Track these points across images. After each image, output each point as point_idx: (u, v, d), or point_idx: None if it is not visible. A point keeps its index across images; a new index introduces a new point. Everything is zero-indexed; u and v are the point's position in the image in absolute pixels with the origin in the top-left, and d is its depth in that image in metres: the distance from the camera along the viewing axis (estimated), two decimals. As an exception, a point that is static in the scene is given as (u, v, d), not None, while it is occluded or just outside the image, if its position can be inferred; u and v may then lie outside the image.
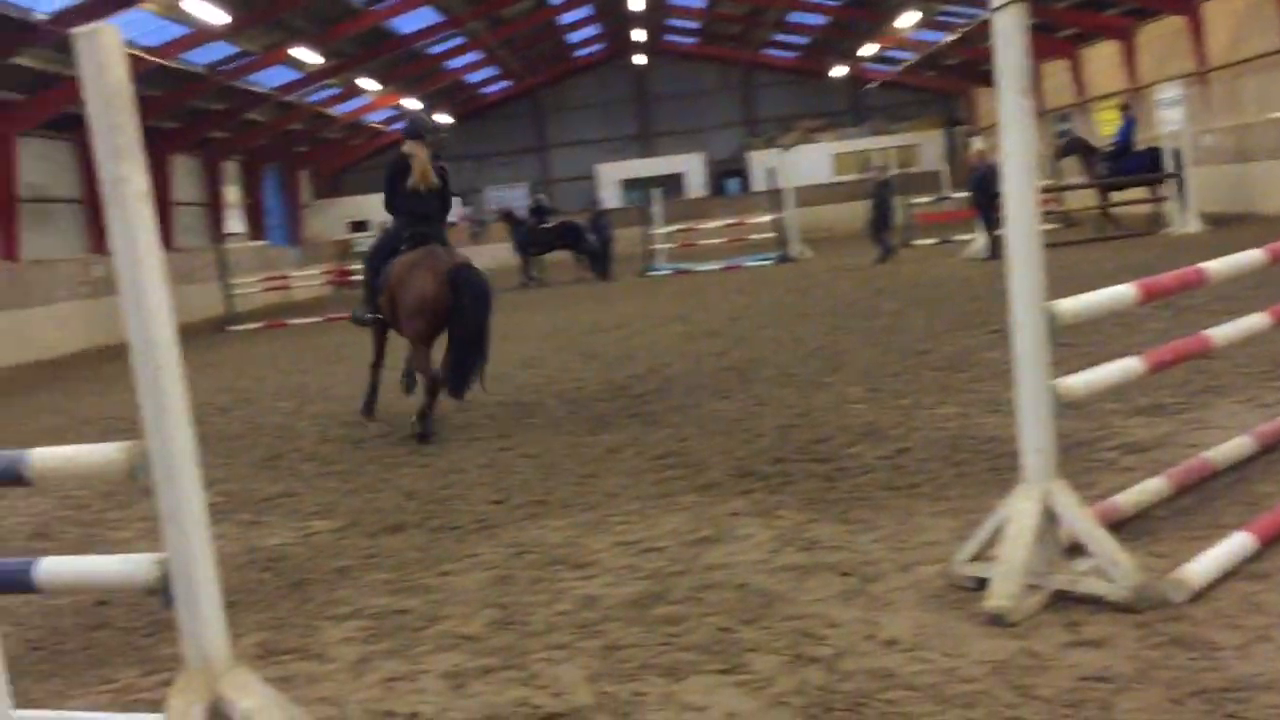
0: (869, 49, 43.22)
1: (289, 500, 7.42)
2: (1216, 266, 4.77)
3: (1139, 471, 5.75)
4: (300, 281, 33.48)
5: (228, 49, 29.04)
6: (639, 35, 46.23)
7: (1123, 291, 4.38)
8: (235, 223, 38.72)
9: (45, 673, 4.66)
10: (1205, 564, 4.16)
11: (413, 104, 42.87)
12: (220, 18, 24.11)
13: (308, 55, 30.39)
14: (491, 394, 10.85)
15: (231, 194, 38.61)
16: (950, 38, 38.14)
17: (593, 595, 4.88)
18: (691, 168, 49.72)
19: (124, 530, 7.07)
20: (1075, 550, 4.30)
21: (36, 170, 25.75)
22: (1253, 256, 5.05)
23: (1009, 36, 3.96)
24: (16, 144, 24.10)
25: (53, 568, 3.29)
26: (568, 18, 42.94)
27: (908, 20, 36.39)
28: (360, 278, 13.90)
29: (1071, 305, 4.17)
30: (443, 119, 47.37)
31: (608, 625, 4.50)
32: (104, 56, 2.99)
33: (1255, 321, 5.17)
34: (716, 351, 12.30)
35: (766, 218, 29.34)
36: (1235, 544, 4.30)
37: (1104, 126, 31.93)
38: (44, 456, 3.18)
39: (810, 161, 47.27)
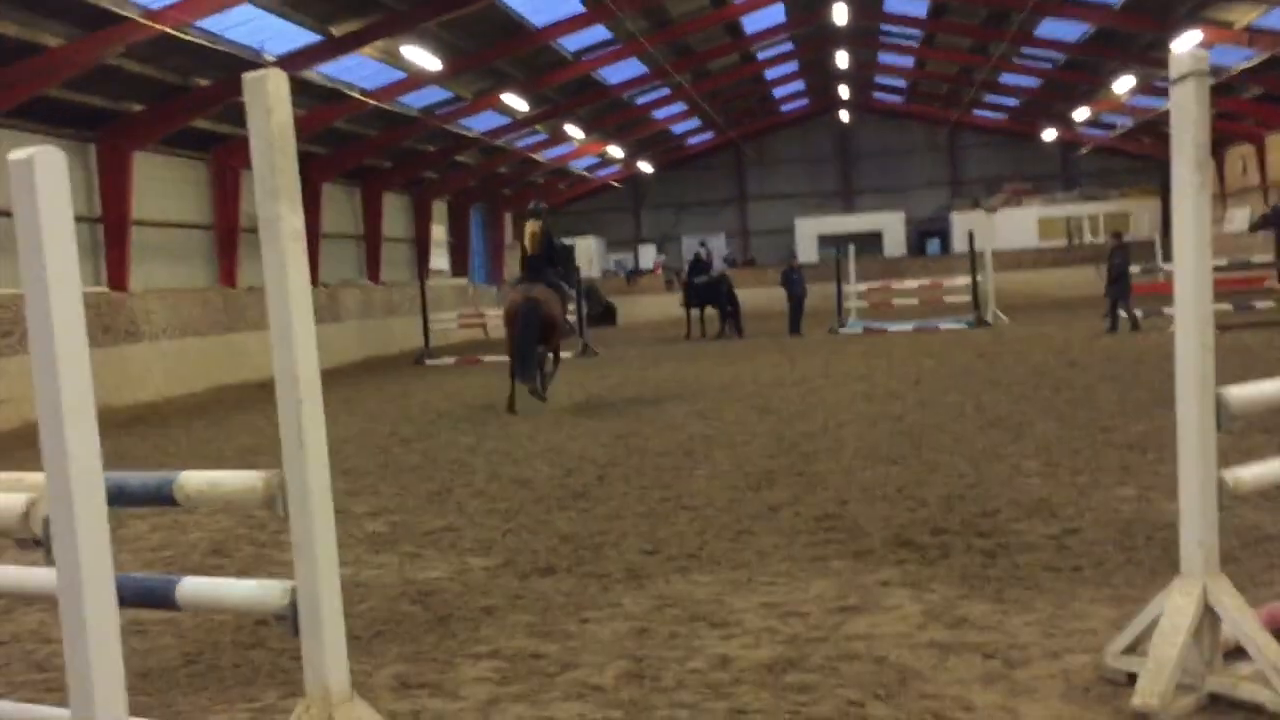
0: (1082, 113, 42.02)
1: (450, 535, 7.57)
2: None
3: (1324, 573, 5.38)
4: (497, 319, 34.34)
5: (441, 94, 30.13)
6: (844, 92, 46.09)
7: (1305, 380, 4.12)
8: (440, 259, 40.03)
9: (195, 686, 4.85)
10: (1382, 680, 3.84)
11: (617, 151, 43.70)
12: (434, 64, 25.07)
13: (517, 101, 31.28)
14: (660, 444, 10.92)
15: (438, 232, 39.95)
16: (1167, 104, 36.78)
17: (728, 656, 4.82)
18: (891, 226, 49.12)
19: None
20: (1239, 653, 4.04)
21: (250, 201, 27.23)
22: None
23: (1185, 110, 3.80)
24: (240, 177, 25.57)
25: (192, 588, 3.43)
26: (773, 73, 43.11)
27: (1124, 85, 35.28)
28: None
29: (1243, 392, 3.94)
30: (645, 168, 48.11)
31: (737, 688, 4.44)
32: (270, 101, 3.13)
33: None
34: (894, 414, 12.07)
35: (964, 280, 28.73)
36: None
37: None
38: (190, 480, 3.33)
39: (1014, 224, 46.23)
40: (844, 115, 49.70)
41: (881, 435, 10.67)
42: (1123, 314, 22.28)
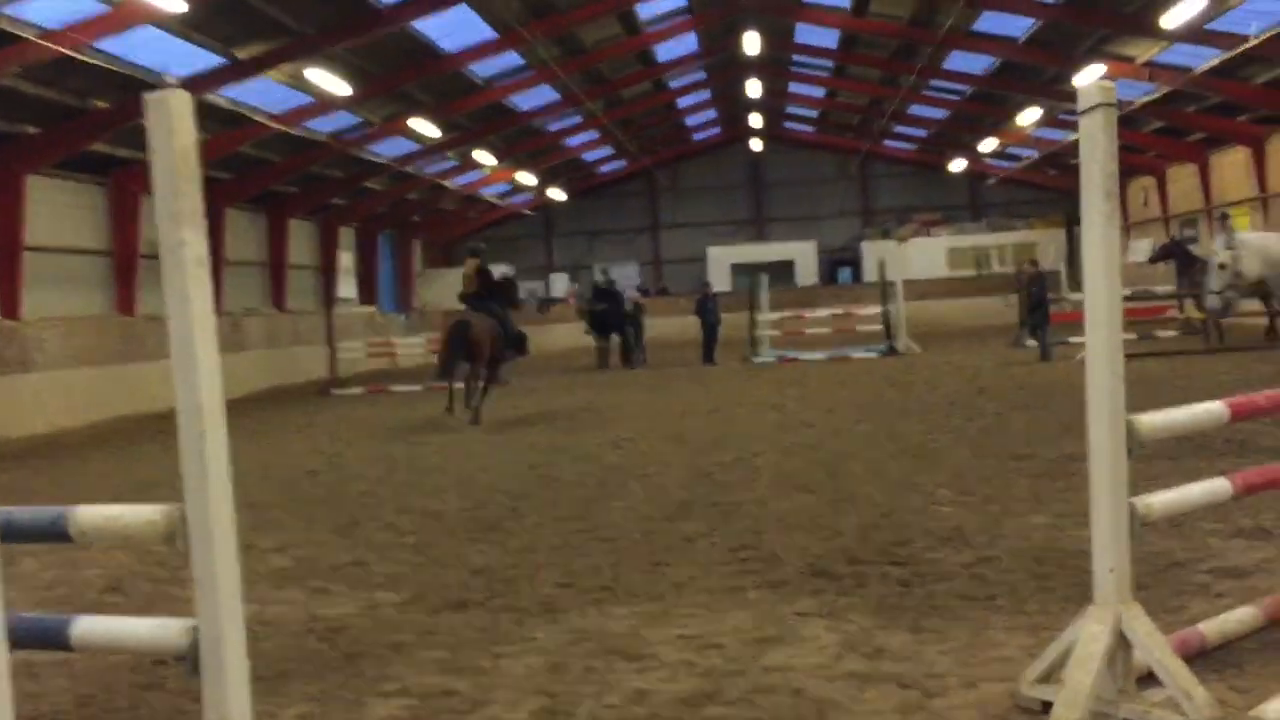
0: (989, 144, 42.93)
1: (358, 570, 7.45)
2: (1317, 387, 4.57)
3: (1231, 598, 5.49)
4: (406, 349, 34.06)
5: (349, 119, 29.88)
6: (756, 121, 46.58)
7: (1211, 409, 4.21)
8: (348, 287, 39.60)
9: (90, 729, 4.69)
10: (1290, 704, 3.93)
11: (528, 178, 43.64)
12: (342, 89, 24.85)
13: (427, 127, 31.12)
14: (574, 475, 10.89)
15: (345, 259, 39.54)
16: (1072, 136, 37.71)
17: (644, 690, 4.79)
18: (803, 255, 49.62)
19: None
20: (1151, 679, 4.10)
21: (150, 226, 26.74)
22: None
23: (1094, 140, 3.88)
24: (140, 201, 25.10)
25: (87, 627, 3.32)
26: (685, 101, 43.43)
27: (1029, 117, 36.12)
28: None
29: (1153, 420, 4.01)
30: (557, 195, 48.15)
31: (654, 723, 4.40)
32: (173, 121, 3.06)
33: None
34: (808, 443, 12.16)
35: (875, 309, 29.11)
36: (1325, 684, 4.06)
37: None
38: (85, 514, 3.22)
39: (924, 254, 46.99)
40: (756, 144, 50.20)
41: (796, 465, 10.73)
42: (1035, 342, 22.73)
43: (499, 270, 21.83)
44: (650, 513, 8.75)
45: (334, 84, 24.52)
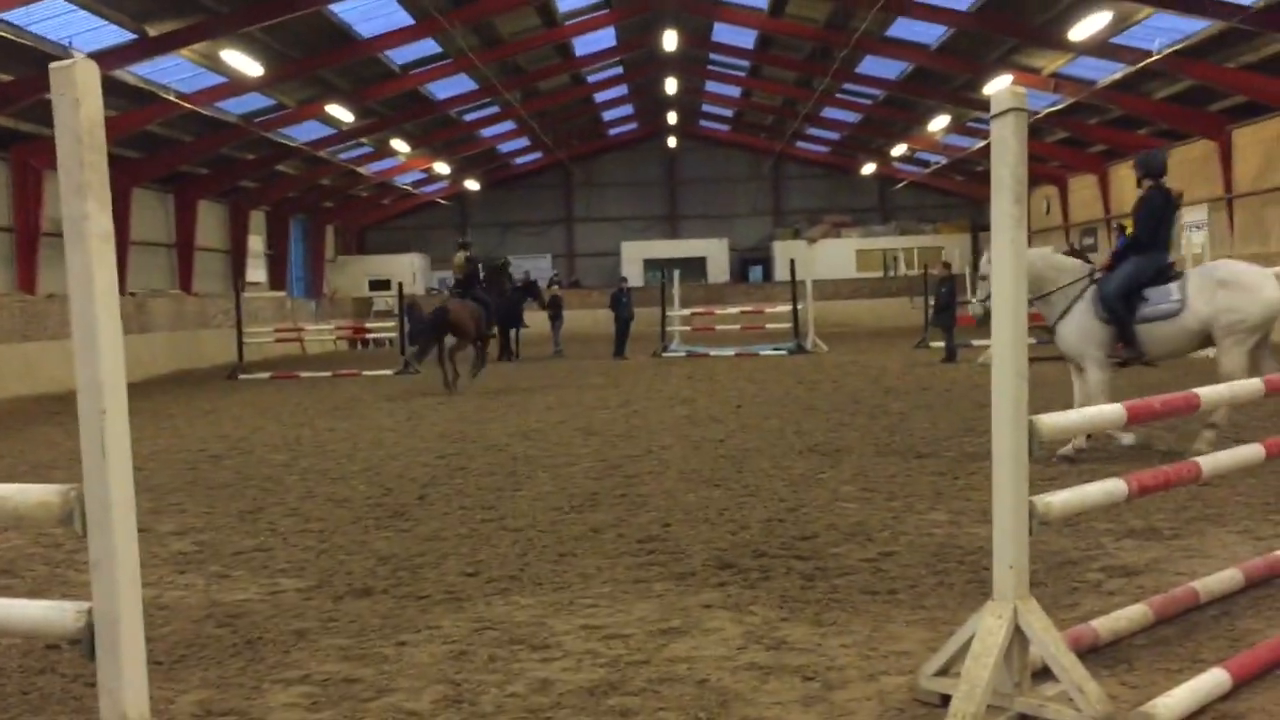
0: (899, 149, 43.54)
1: (261, 555, 7.31)
2: (1209, 393, 4.68)
3: (1122, 596, 5.62)
4: (315, 335, 33.62)
5: (263, 100, 29.38)
6: (672, 118, 46.69)
7: (1109, 411, 4.29)
8: (257, 272, 38.96)
9: (-23, 715, 4.55)
10: (1177, 699, 4.02)
11: (443, 168, 43.28)
12: (256, 69, 24.42)
13: (341, 112, 30.72)
14: (483, 464, 10.86)
15: (255, 243, 38.89)
16: (980, 144, 38.41)
17: (549, 679, 4.76)
18: (715, 252, 49.92)
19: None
20: (1046, 674, 4.17)
21: (54, 205, 26.05)
22: (1250, 386, 4.97)
23: (1005, 144, 3.92)
24: (44, 178, 24.39)
25: (-24, 608, 3.21)
26: (603, 96, 43.42)
27: (938, 124, 36.69)
28: (380, 336, 26.99)
29: (1053, 420, 4.08)
30: (472, 185, 47.80)
31: (558, 712, 4.38)
32: (79, 91, 2.96)
33: (1248, 452, 5.05)
34: (716, 438, 12.21)
35: (785, 308, 29.35)
36: (1210, 680, 4.17)
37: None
38: (-24, 494, 3.11)
39: (833, 255, 47.52)
40: (672, 141, 50.35)
41: (704, 458, 10.76)
42: (941, 343, 23.03)
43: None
44: (558, 503, 8.72)
45: (248, 65, 24.10)
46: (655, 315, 30.13)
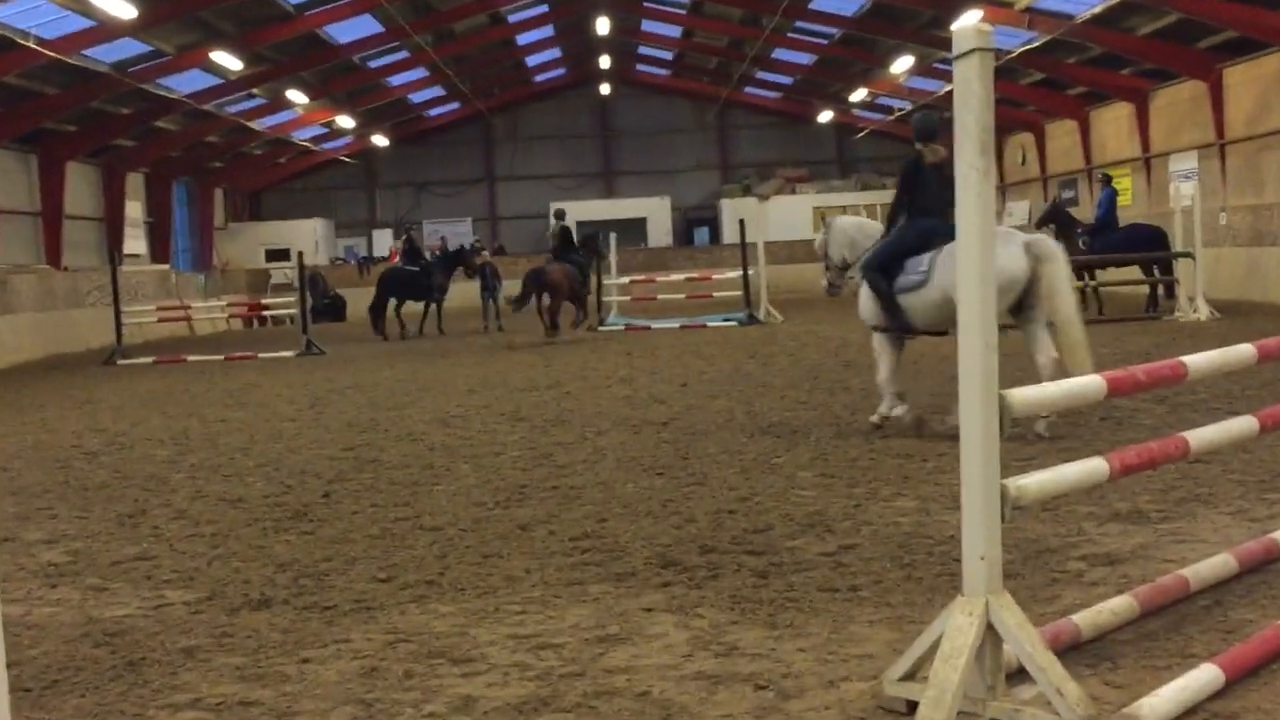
0: (859, 94, 43.73)
1: (144, 564, 7.24)
2: (1197, 361, 4.76)
3: (1106, 587, 5.71)
4: (205, 313, 33.27)
5: (138, 47, 28.94)
6: (605, 62, 46.58)
7: (1087, 383, 4.35)
8: (136, 242, 38.43)
9: None
10: (1165, 699, 4.10)
11: (347, 121, 42.93)
12: (128, 11, 24.02)
13: (228, 60, 30.34)
14: (397, 456, 10.84)
15: (134, 210, 38.34)
16: (947, 87, 38.69)
17: (471, 696, 4.76)
18: (656, 212, 49.95)
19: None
20: (1022, 674, 4.23)
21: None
22: (1241, 352, 5.05)
23: (969, 88, 3.95)
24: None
25: None
26: (526, 38, 43.17)
27: (902, 65, 36.90)
28: (278, 313, 23.51)
29: (1026, 395, 4.13)
30: (380, 141, 47.45)
31: (482, 733, 4.38)
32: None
33: (1240, 425, 5.15)
34: (659, 420, 12.25)
35: (734, 274, 29.46)
36: (1201, 677, 4.25)
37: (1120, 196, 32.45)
38: None
39: (787, 214, 47.62)
40: (605, 88, 50.25)
41: (645, 444, 10.79)
42: None
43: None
44: (481, 498, 8.72)
45: (119, 7, 23.70)
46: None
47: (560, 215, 26.84)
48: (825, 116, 48.36)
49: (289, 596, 6.35)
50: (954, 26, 5.05)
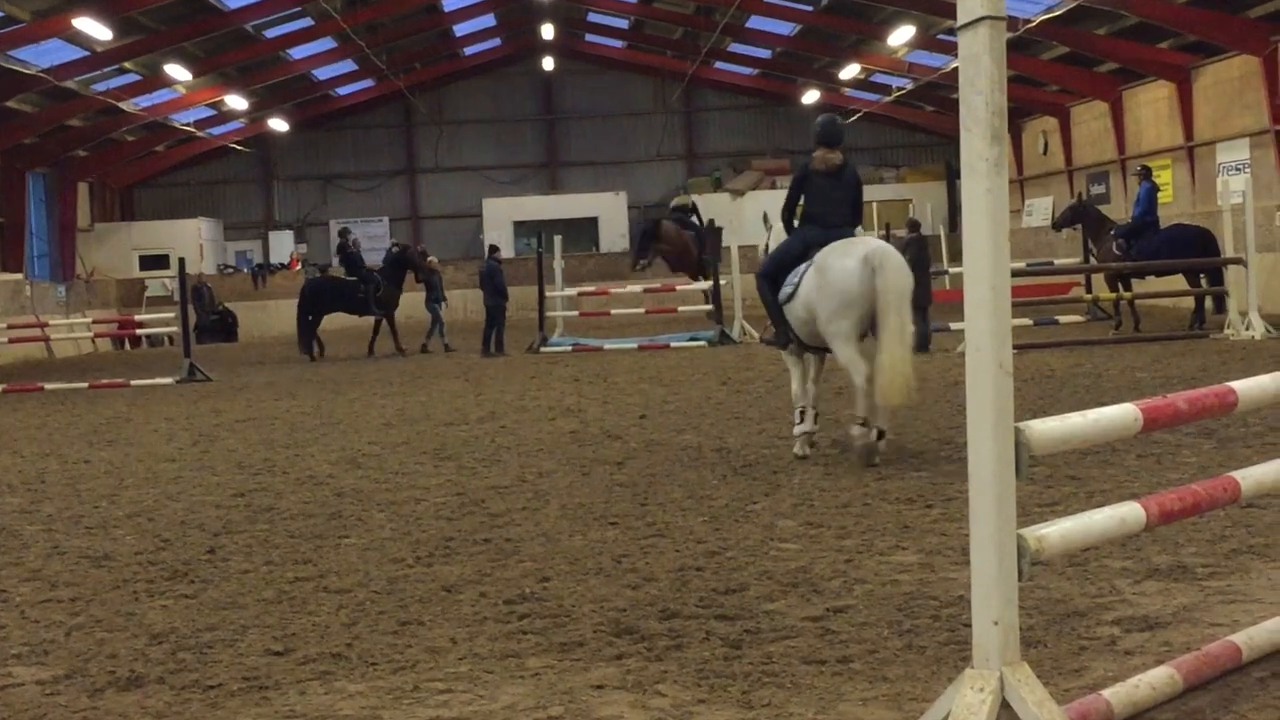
0: (850, 70, 43.97)
1: (-11, 636, 7.18)
2: (1249, 387, 4.80)
3: (1143, 656, 5.73)
4: (66, 332, 33.05)
5: (-16, 13, 28.85)
6: (548, 32, 46.67)
7: (1119, 414, 4.37)
8: (-19, 247, 38.23)
9: None
10: (1213, 790, 4.11)
11: (239, 102, 42.82)
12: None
13: (95, 28, 30.23)
14: (297, 504, 10.79)
15: (-21, 208, 38.16)
16: (954, 62, 38.99)
17: (384, 794, 4.73)
18: (609, 210, 50.01)
19: None
20: (1044, 762, 4.24)
21: None
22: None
23: (977, 63, 3.98)
24: None
25: None
26: (453, 2, 43.26)
27: (901, 36, 37.11)
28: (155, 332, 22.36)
29: (1048, 428, 4.14)
30: (279, 125, 47.33)
31: (397, 837, 4.36)
32: None
33: (1301, 463, 5.19)
34: (613, 460, 12.25)
35: (703, 285, 29.52)
36: (1256, 764, 4.27)
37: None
38: None
39: (766, 213, 47.71)
40: (548, 63, 50.34)
41: (596, 488, 10.79)
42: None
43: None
44: (399, 553, 8.68)
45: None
46: (530, 297, 30.11)
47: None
48: (810, 97, 48.60)
49: (164, 674, 6.29)
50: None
